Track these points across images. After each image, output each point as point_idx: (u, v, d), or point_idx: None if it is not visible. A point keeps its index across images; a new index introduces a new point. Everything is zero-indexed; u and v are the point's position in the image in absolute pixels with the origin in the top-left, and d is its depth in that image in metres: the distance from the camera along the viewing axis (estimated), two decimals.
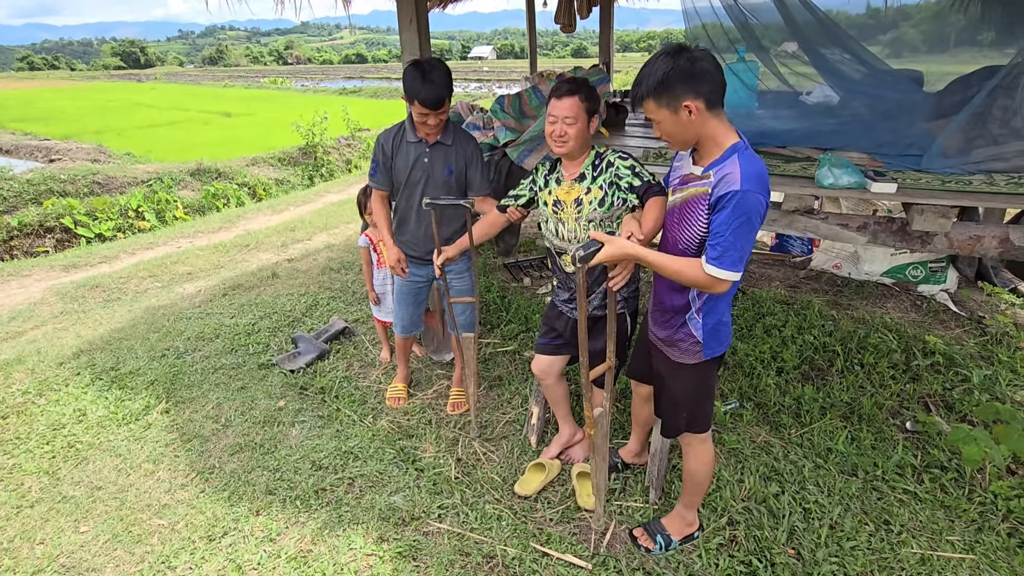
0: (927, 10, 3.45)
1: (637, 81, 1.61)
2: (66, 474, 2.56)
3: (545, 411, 2.86)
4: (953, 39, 3.30)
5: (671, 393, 1.95)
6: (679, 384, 1.92)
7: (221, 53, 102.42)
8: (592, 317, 2.30)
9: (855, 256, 4.42)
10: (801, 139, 3.11)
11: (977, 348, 3.39)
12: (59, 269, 5.65)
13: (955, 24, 3.31)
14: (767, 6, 3.23)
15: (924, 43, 3.33)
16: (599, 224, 2.07)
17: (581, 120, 2.00)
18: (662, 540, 2.15)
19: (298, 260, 5.50)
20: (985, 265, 4.18)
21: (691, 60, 1.51)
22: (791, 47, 3.38)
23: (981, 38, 3.03)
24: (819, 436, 2.71)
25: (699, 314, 1.80)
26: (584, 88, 2.02)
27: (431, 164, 2.44)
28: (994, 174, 2.42)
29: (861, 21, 3.55)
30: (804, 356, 3.32)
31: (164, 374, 3.33)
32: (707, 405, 1.98)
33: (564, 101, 1.99)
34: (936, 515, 2.28)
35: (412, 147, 2.44)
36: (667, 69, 1.52)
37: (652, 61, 1.57)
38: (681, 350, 1.86)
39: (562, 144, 2.03)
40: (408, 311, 2.86)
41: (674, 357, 1.88)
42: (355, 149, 13.01)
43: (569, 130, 1.99)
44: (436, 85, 2.21)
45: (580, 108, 1.99)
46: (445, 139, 2.45)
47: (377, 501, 2.35)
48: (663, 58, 1.54)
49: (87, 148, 12.49)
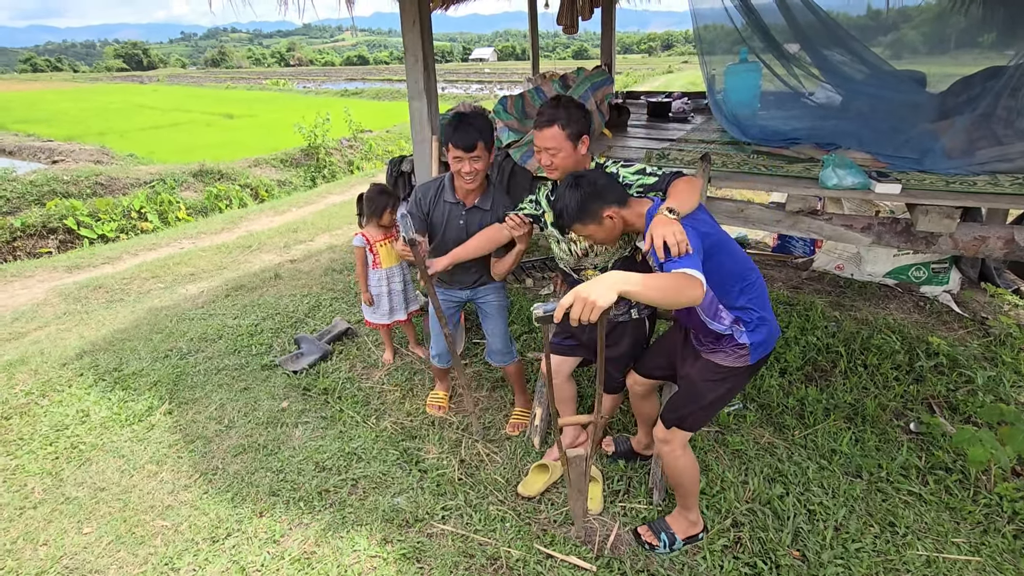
0: (928, 11, 3.45)
1: (558, 214, 1.87)
2: (69, 475, 2.56)
3: (548, 412, 2.85)
4: (954, 41, 3.30)
5: (699, 390, 1.93)
6: (707, 377, 1.91)
7: (223, 55, 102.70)
8: (616, 324, 2.29)
9: (857, 257, 4.42)
10: (804, 138, 3.10)
11: (981, 349, 3.38)
12: (62, 270, 5.66)
13: (956, 26, 3.31)
14: (770, 7, 3.23)
15: (925, 44, 3.33)
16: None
17: (565, 148, 1.98)
18: (666, 538, 2.14)
19: (300, 261, 5.50)
20: (988, 266, 4.18)
21: (591, 183, 1.82)
22: (793, 48, 3.38)
23: (982, 40, 3.03)
24: (823, 437, 2.70)
25: (740, 324, 1.81)
26: (564, 114, 1.96)
27: (466, 227, 2.40)
28: (998, 175, 2.42)
29: (862, 22, 3.54)
30: (807, 357, 3.32)
31: (167, 375, 3.33)
32: (717, 409, 2.03)
33: (544, 132, 1.97)
34: (941, 517, 2.27)
35: (449, 207, 2.41)
36: (580, 198, 1.80)
37: (561, 196, 1.84)
38: (728, 354, 1.86)
39: (551, 172, 2.04)
40: (439, 338, 2.76)
41: (719, 361, 1.88)
42: (357, 150, 13.03)
43: (555, 159, 1.99)
44: (471, 128, 2.18)
45: (562, 137, 1.96)
46: (483, 204, 2.39)
47: (381, 502, 2.35)
48: (570, 191, 1.82)
49: (90, 149, 12.52)
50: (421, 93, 3.32)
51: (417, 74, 3.28)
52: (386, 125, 16.05)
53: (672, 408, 2.00)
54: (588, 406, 2.89)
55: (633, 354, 2.34)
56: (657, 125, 4.33)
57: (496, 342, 2.72)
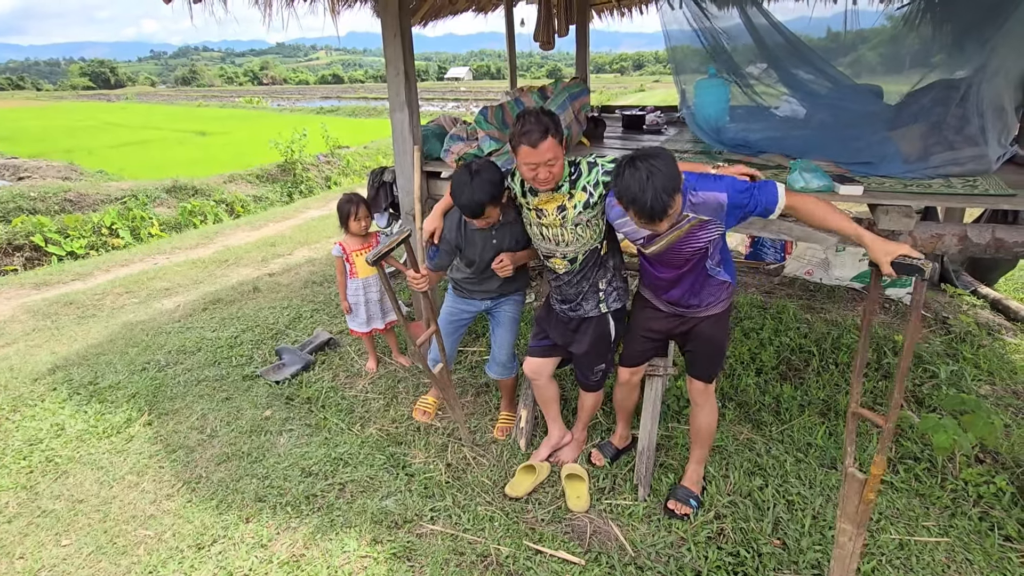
0: (883, 33, 3.65)
1: (651, 210, 1.72)
2: (45, 488, 2.49)
3: (534, 414, 2.89)
4: (908, 61, 3.50)
5: (718, 343, 2.22)
6: (720, 330, 2.20)
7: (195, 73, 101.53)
8: (579, 318, 2.36)
9: (826, 263, 4.60)
10: (772, 146, 3.25)
11: (943, 346, 3.55)
12: (29, 287, 5.50)
13: (909, 47, 3.53)
14: (738, 28, 3.39)
15: (881, 65, 3.54)
16: (586, 225, 2.13)
17: (560, 155, 1.98)
18: (694, 502, 2.34)
19: (279, 274, 5.46)
20: (947, 269, 4.39)
21: (657, 159, 1.74)
22: (758, 68, 3.56)
23: (934, 60, 3.23)
24: (799, 432, 2.80)
25: (720, 264, 2.07)
26: (550, 123, 1.94)
27: (499, 243, 2.39)
28: (951, 178, 2.58)
29: (823, 44, 3.74)
30: (781, 357, 3.44)
31: (145, 387, 3.27)
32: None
33: (541, 146, 1.92)
34: (912, 503, 2.37)
35: (478, 235, 2.37)
36: (664, 183, 1.70)
37: (644, 189, 1.70)
38: (717, 299, 2.13)
39: (549, 183, 2.02)
40: (443, 342, 2.73)
41: (713, 311, 2.15)
42: (335, 166, 13.00)
43: (553, 169, 1.97)
44: (475, 192, 2.10)
45: (557, 145, 1.95)
46: (507, 218, 2.36)
47: (369, 505, 2.35)
48: (650, 181, 1.69)
49: (58, 166, 12.22)
50: (403, 105, 3.37)
51: (399, 86, 3.34)
52: (363, 141, 16.07)
53: (704, 368, 2.27)
54: (572, 409, 2.94)
55: (598, 351, 2.40)
56: (632, 137, 4.46)
57: (502, 354, 2.72)
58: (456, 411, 2.74)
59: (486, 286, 2.59)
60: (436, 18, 5.75)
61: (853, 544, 1.76)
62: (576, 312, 2.34)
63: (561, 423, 2.73)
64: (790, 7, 3.73)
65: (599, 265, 2.26)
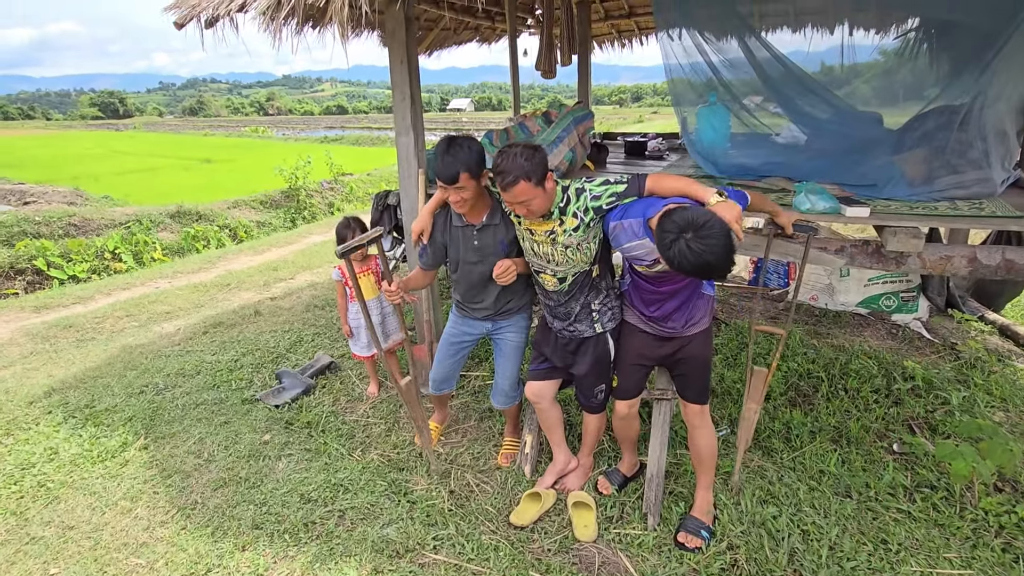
0: (876, 67, 3.71)
1: (711, 268, 1.66)
2: (35, 514, 2.41)
3: (539, 440, 2.82)
4: (902, 94, 3.56)
5: (706, 359, 2.24)
6: (707, 347, 2.24)
7: (202, 104, 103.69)
8: (577, 339, 2.33)
9: (830, 288, 4.58)
10: (774, 171, 3.27)
11: (953, 372, 3.50)
12: (29, 310, 5.47)
13: (903, 81, 3.59)
14: (738, 60, 3.45)
15: (875, 98, 3.59)
16: (577, 248, 2.11)
17: (537, 195, 1.94)
18: (706, 533, 2.27)
19: (281, 298, 5.44)
20: (953, 294, 4.37)
21: (717, 227, 1.66)
22: (756, 99, 3.62)
23: (926, 93, 3.28)
24: (811, 459, 2.73)
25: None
26: (525, 166, 1.89)
27: (482, 246, 2.33)
28: (957, 201, 2.58)
29: (817, 78, 3.82)
30: (790, 383, 3.38)
31: (143, 410, 3.21)
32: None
33: (513, 191, 1.91)
34: (931, 533, 2.29)
35: (460, 232, 2.34)
36: (730, 247, 1.65)
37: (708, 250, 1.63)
38: (703, 314, 2.17)
39: (531, 217, 2.04)
40: (442, 365, 2.69)
41: (699, 327, 2.18)
42: (338, 192, 13.12)
43: (531, 207, 1.97)
44: (453, 161, 2.06)
45: (530, 188, 1.91)
46: (493, 219, 2.31)
47: (369, 533, 2.27)
48: (718, 242, 1.62)
49: (63, 191, 12.32)
50: (408, 129, 3.41)
51: (404, 110, 3.38)
52: (366, 168, 16.27)
53: (696, 390, 2.26)
54: (577, 435, 2.87)
55: (599, 371, 2.36)
56: (634, 162, 4.50)
57: (505, 383, 2.63)
58: (423, 433, 2.63)
59: (481, 300, 2.48)
60: (441, 48, 5.89)
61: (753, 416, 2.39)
62: (572, 331, 2.31)
63: (566, 448, 2.66)
64: (786, 39, 3.81)
65: (591, 287, 2.24)
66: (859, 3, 3.61)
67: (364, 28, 4.76)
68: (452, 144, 2.12)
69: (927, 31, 3.47)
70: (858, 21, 3.63)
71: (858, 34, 3.63)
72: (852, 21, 3.61)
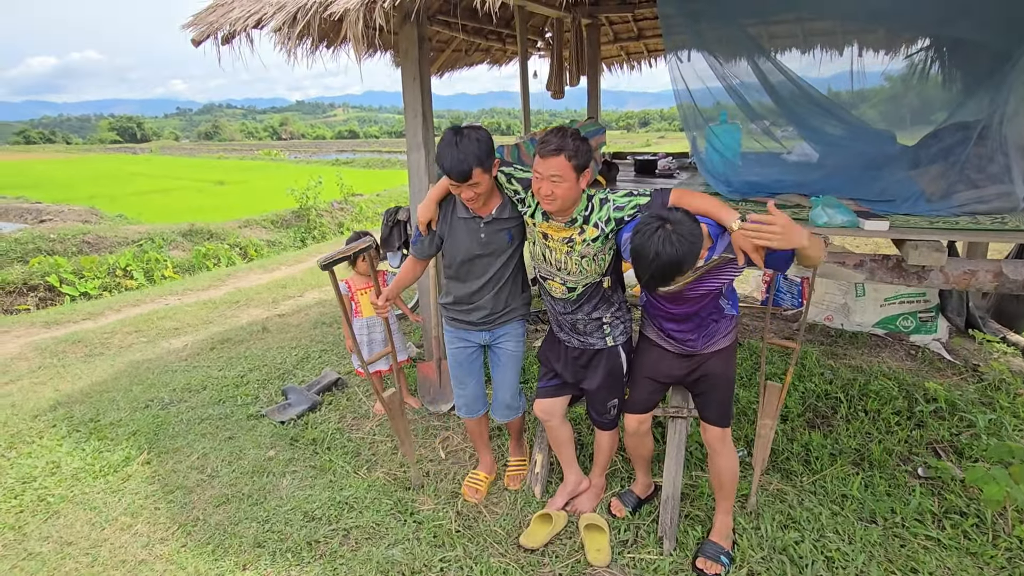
0: (883, 93, 3.71)
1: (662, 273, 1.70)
2: (34, 529, 2.36)
3: (549, 459, 2.74)
4: (909, 119, 3.55)
5: (728, 378, 2.14)
6: (729, 366, 2.14)
7: (217, 128, 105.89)
8: (589, 352, 2.26)
9: (845, 308, 4.49)
10: (787, 188, 3.24)
11: (977, 394, 3.39)
12: (40, 325, 5.50)
13: (909, 105, 3.58)
14: (750, 81, 3.45)
15: (883, 122, 3.57)
16: (592, 258, 2.06)
17: (569, 179, 1.87)
18: (725, 558, 2.16)
19: (289, 315, 5.43)
20: (973, 314, 4.27)
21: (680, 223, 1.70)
22: (766, 123, 3.61)
23: (934, 118, 3.26)
24: (832, 483, 2.63)
25: (727, 298, 2.01)
26: (571, 145, 1.86)
27: (487, 240, 2.18)
28: (978, 215, 2.53)
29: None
30: (807, 403, 3.29)
31: (147, 425, 3.17)
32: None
33: (549, 160, 1.85)
34: (964, 562, 2.18)
35: (464, 224, 2.17)
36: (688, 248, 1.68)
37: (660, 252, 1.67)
38: (724, 333, 2.08)
39: (550, 203, 1.93)
40: (463, 383, 2.50)
41: (720, 345, 2.09)
42: (348, 212, 13.25)
43: (556, 189, 1.88)
44: (464, 157, 1.93)
45: (567, 167, 1.85)
46: (502, 213, 2.16)
47: (374, 554, 2.19)
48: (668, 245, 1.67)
49: (79, 210, 12.55)
50: (420, 145, 3.43)
51: (416, 127, 3.40)
52: (376, 189, 16.46)
53: (718, 411, 2.16)
54: (589, 455, 2.79)
55: (611, 385, 2.29)
56: (645, 180, 4.49)
57: (505, 394, 2.50)
58: (406, 444, 2.49)
59: (476, 301, 2.30)
60: (452, 69, 5.97)
61: (768, 432, 2.33)
62: (582, 342, 2.24)
63: (578, 468, 2.58)
64: (796, 62, 3.81)
65: (601, 298, 2.18)
66: (869, 24, 3.60)
67: (377, 49, 4.84)
68: (460, 136, 1.96)
69: (938, 50, 3.47)
70: (867, 42, 3.63)
71: (867, 55, 3.63)
72: (861, 42, 3.62)
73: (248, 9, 2.85)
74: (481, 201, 2.09)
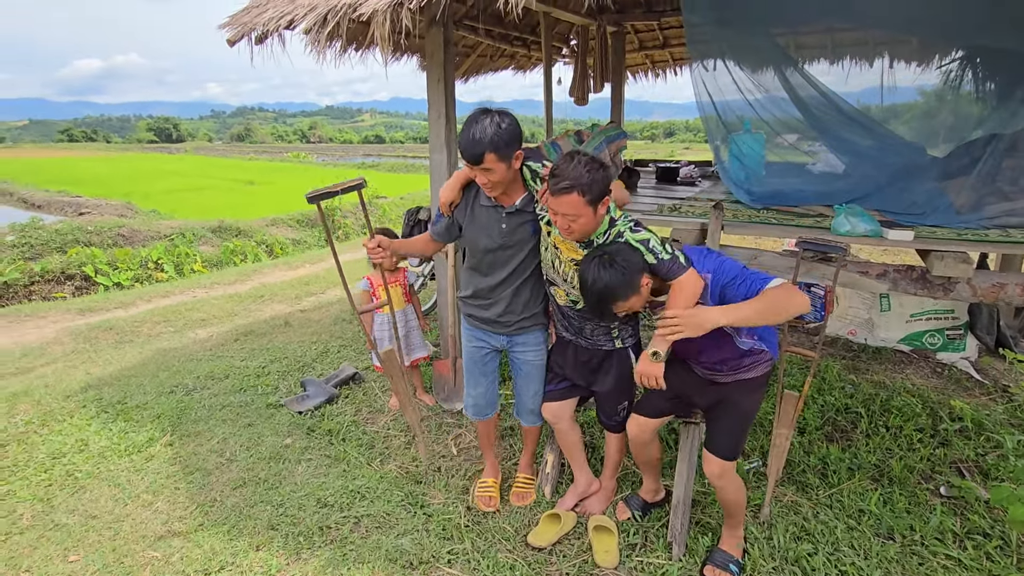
0: (916, 108, 3.63)
1: (599, 298, 1.81)
2: (61, 502, 2.45)
3: (560, 459, 2.75)
4: (942, 136, 3.46)
5: (744, 410, 2.05)
6: (750, 398, 2.05)
7: (248, 131, 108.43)
8: (598, 353, 2.26)
9: (870, 323, 4.40)
10: (811, 198, 3.20)
11: (1006, 415, 3.28)
12: (75, 312, 5.70)
13: (943, 123, 3.49)
14: (775, 97, 3.41)
15: (915, 139, 3.49)
16: None
17: (585, 214, 1.80)
18: (735, 568, 2.12)
19: (311, 311, 5.53)
20: (1004, 333, 4.14)
21: (621, 254, 1.80)
22: (791, 138, 3.57)
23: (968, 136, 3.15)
24: (849, 497, 2.57)
25: (752, 337, 1.91)
26: (585, 178, 1.75)
27: (510, 231, 2.10)
28: (1009, 229, 2.47)
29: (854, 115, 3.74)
30: (826, 417, 3.23)
31: (171, 409, 3.27)
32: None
33: (562, 199, 1.77)
34: None
35: (486, 212, 2.11)
36: (622, 275, 1.76)
37: (598, 278, 1.77)
38: (754, 365, 1.98)
39: (568, 235, 1.88)
40: (475, 384, 2.45)
41: (744, 375, 1.99)
42: (372, 214, 13.44)
43: (572, 224, 1.83)
44: (475, 137, 1.85)
45: (580, 203, 1.77)
46: (527, 206, 2.09)
47: (384, 542, 2.22)
48: (606, 271, 1.77)
49: (116, 204, 13.01)
50: (443, 146, 3.49)
51: (440, 128, 3.46)
52: (400, 192, 16.68)
53: (725, 441, 2.03)
54: (600, 457, 2.79)
55: (622, 388, 2.28)
56: (666, 188, 4.48)
57: (531, 401, 2.45)
58: (409, 412, 2.40)
59: (493, 297, 2.23)
60: (478, 74, 6.06)
61: (784, 443, 2.30)
62: (592, 344, 2.23)
63: (588, 470, 2.58)
64: (824, 74, 3.76)
65: None
66: (903, 33, 3.51)
67: (404, 52, 4.94)
68: (480, 117, 1.87)
69: (972, 62, 3.39)
70: (899, 53, 3.56)
71: (899, 67, 3.56)
72: (892, 53, 3.55)
73: (281, 10, 2.95)
74: (499, 189, 2.01)
